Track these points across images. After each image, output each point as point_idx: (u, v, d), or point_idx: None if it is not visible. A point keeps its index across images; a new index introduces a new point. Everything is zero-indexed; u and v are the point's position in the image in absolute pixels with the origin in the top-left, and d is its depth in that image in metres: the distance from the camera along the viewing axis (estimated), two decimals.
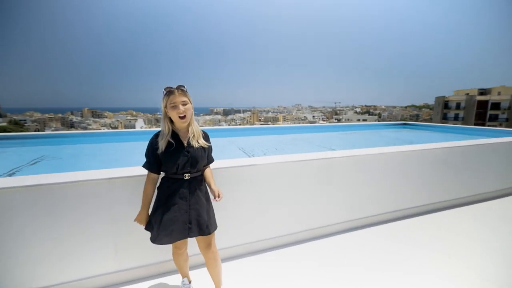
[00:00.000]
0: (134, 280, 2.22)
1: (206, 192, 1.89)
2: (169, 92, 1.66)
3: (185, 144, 1.74)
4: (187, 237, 1.75)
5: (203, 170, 1.92)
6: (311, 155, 2.94)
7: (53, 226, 1.95)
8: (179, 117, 1.65)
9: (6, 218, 1.84)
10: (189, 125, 1.76)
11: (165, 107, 1.68)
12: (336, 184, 3.00)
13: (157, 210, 1.74)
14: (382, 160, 3.24)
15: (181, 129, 1.77)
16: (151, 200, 1.81)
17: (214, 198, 1.82)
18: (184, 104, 1.67)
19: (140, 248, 2.19)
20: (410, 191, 3.48)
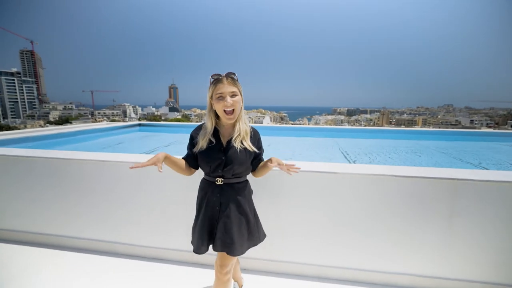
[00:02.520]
0: (204, 265, 2.35)
1: (248, 206, 1.54)
2: (216, 80, 1.38)
3: (224, 144, 1.46)
4: (213, 249, 1.50)
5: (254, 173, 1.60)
6: (424, 171, 2.06)
7: (154, 198, 2.38)
8: (225, 111, 1.38)
9: (137, 186, 2.41)
10: (236, 121, 1.46)
11: (210, 97, 1.40)
12: (469, 224, 1.95)
13: (195, 215, 1.59)
14: None
15: (225, 125, 1.48)
16: (176, 163, 1.49)
17: (281, 166, 1.38)
18: (233, 95, 1.37)
19: None
20: None
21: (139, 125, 7.40)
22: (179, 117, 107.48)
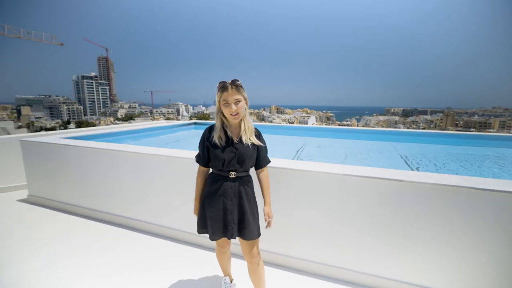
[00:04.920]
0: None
1: (253, 195, 1.76)
2: (222, 88, 1.58)
3: (235, 141, 1.65)
4: (229, 238, 1.67)
5: (259, 174, 1.79)
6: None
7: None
8: (231, 114, 1.59)
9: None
10: (241, 121, 1.67)
11: (219, 101, 1.62)
12: None
13: (203, 206, 1.72)
14: None
15: (233, 125, 1.69)
16: (202, 191, 1.78)
17: (264, 220, 1.72)
18: (237, 102, 1.58)
19: None
20: None
21: (195, 123, 8.00)
22: None
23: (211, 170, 1.76)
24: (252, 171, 1.79)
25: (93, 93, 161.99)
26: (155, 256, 2.51)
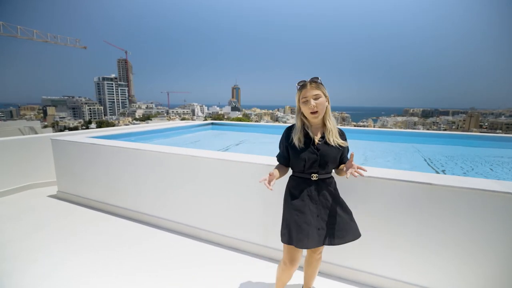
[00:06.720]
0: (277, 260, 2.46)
1: (339, 198, 1.66)
2: (302, 86, 1.55)
3: (316, 142, 1.57)
4: (320, 245, 1.55)
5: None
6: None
7: (233, 191, 2.61)
8: (311, 112, 1.52)
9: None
10: (324, 120, 1.59)
11: (298, 101, 1.58)
12: None
13: (288, 211, 1.61)
14: None
15: (314, 125, 1.61)
16: (278, 174, 1.61)
17: (352, 169, 1.44)
18: (316, 98, 1.51)
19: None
20: None
21: (212, 124, 8.12)
22: (240, 116, 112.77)
23: (291, 172, 1.70)
24: None
25: (113, 94, 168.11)
26: (176, 253, 2.57)
